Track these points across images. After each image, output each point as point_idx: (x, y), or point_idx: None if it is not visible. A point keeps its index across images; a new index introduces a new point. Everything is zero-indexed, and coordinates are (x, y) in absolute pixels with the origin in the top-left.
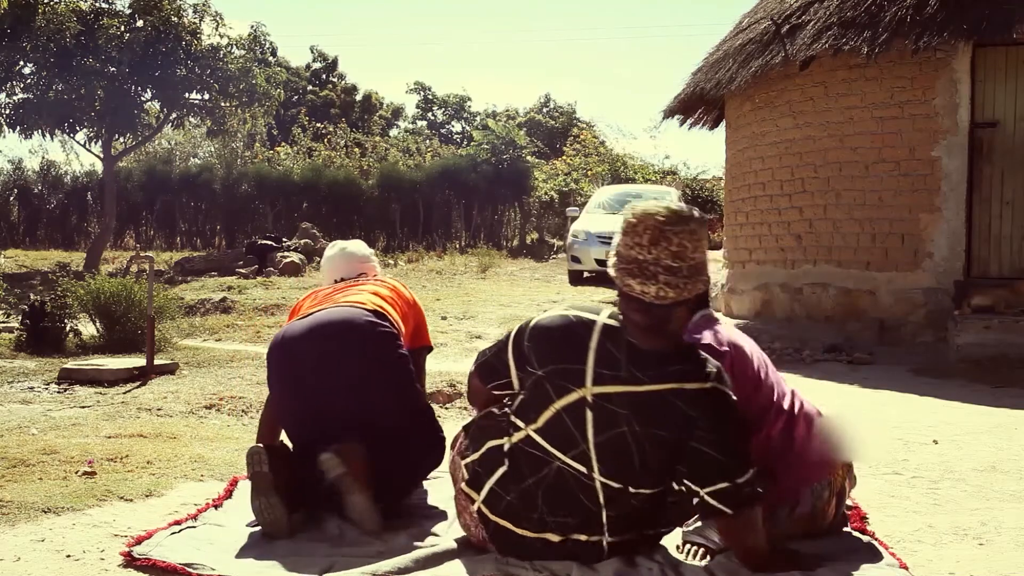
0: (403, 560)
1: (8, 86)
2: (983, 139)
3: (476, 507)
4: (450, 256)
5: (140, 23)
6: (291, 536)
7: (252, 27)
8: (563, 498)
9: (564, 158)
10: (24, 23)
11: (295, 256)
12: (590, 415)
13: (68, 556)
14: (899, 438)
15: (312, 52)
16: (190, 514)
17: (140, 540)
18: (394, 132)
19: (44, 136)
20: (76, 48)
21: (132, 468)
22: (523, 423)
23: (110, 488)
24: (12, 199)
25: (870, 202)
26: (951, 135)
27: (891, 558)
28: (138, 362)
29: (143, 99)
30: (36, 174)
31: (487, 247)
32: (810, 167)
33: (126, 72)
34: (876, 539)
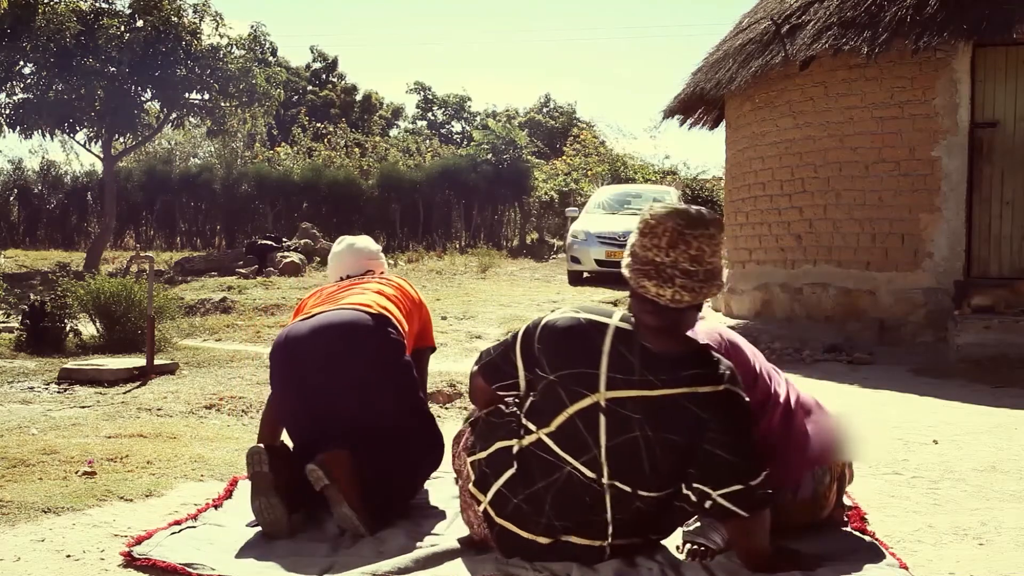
0: (403, 560)
1: (8, 86)
2: (983, 139)
3: (482, 508)
4: (450, 256)
5: (140, 23)
6: (291, 536)
7: (252, 27)
8: (571, 502)
9: (564, 158)
10: (24, 23)
11: (295, 256)
12: (603, 420)
13: (68, 556)
14: (899, 438)
15: (312, 52)
16: (190, 514)
17: (140, 540)
18: (394, 132)
19: (44, 136)
20: (76, 48)
21: (132, 468)
22: (535, 426)
23: (110, 488)
24: (12, 199)
25: (870, 202)
26: (951, 135)
27: (891, 558)
28: (138, 362)
29: (143, 99)
30: (36, 174)
31: (487, 247)
32: (810, 167)
33: (126, 72)
34: (876, 539)
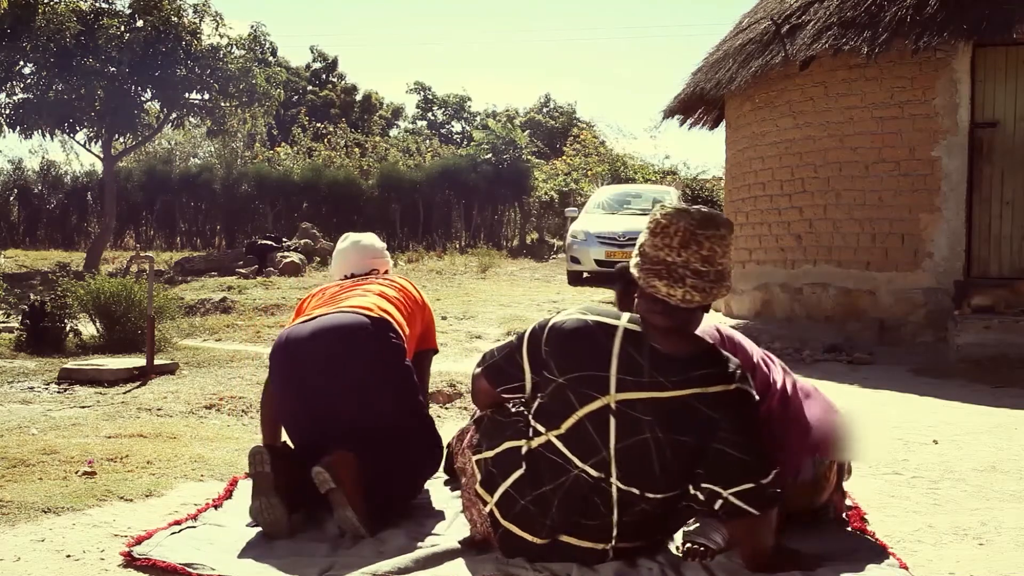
0: (403, 560)
1: (8, 86)
2: (983, 139)
3: (488, 509)
4: (450, 256)
5: (140, 23)
6: (291, 536)
7: (252, 27)
8: (577, 504)
9: (564, 158)
10: (24, 23)
11: (295, 256)
12: (613, 422)
13: (68, 556)
14: (899, 438)
15: (312, 52)
16: (190, 514)
17: (140, 540)
18: (394, 132)
19: (44, 136)
20: (76, 48)
21: (132, 468)
22: (544, 428)
23: (110, 488)
24: (12, 199)
25: (870, 202)
26: (951, 135)
27: (891, 558)
28: (138, 362)
29: (143, 99)
30: (36, 174)
31: (487, 247)
32: (810, 167)
33: (126, 72)
34: (876, 539)
